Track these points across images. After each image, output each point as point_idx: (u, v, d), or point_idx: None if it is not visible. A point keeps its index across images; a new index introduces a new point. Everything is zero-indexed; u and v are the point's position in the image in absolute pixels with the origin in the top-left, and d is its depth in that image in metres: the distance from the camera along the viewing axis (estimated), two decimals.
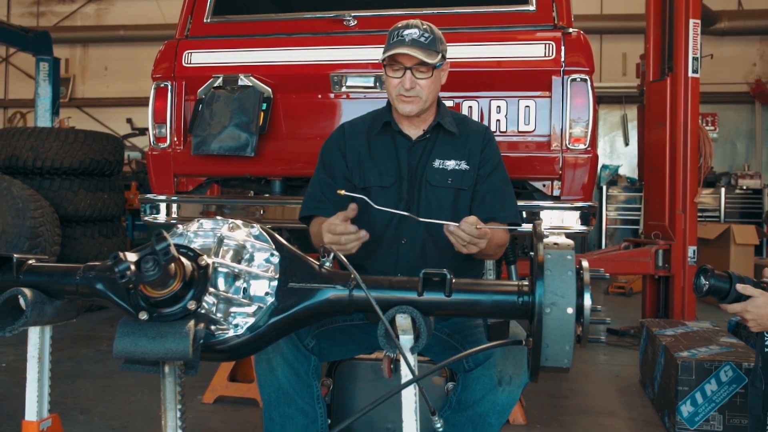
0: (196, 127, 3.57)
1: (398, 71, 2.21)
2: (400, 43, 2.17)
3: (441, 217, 2.25)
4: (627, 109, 11.54)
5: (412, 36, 2.18)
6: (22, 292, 1.39)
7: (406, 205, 2.26)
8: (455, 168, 2.28)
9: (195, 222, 1.48)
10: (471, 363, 2.01)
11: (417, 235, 2.25)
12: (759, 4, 11.30)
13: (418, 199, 2.27)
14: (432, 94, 2.26)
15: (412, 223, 2.23)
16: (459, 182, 2.27)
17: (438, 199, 2.27)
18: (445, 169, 2.28)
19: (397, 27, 2.24)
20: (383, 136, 2.34)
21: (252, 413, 3.64)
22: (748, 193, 10.35)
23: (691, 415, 3.29)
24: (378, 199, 2.26)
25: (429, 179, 2.27)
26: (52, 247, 5.54)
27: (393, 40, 2.20)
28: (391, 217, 2.25)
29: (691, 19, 5.09)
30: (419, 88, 2.21)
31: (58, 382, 4.05)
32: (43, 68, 9.43)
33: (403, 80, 2.20)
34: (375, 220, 2.25)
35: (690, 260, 5.11)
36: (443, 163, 2.28)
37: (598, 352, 5.28)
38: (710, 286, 2.02)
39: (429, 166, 2.28)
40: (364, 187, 2.30)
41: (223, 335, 1.36)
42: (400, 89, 2.21)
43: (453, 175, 2.28)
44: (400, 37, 2.18)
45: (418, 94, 2.21)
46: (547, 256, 1.33)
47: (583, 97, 3.33)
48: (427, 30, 2.21)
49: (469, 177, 2.28)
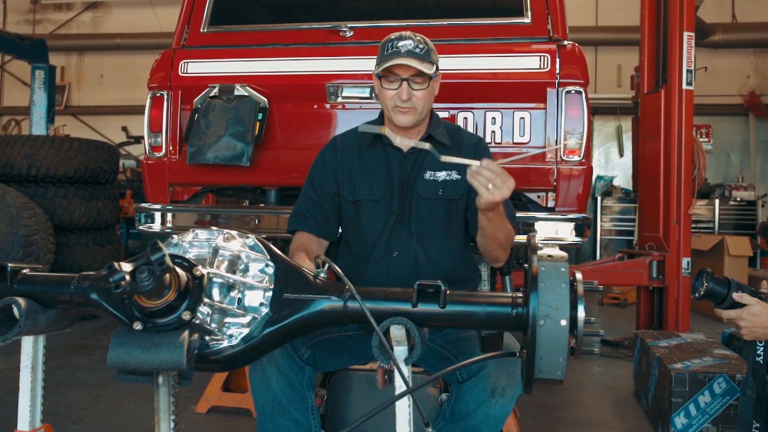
0: (192, 137, 3.58)
1: (394, 83, 2.20)
2: (396, 54, 2.16)
3: (433, 230, 2.25)
4: (622, 121, 11.59)
5: (408, 47, 2.17)
6: (15, 302, 1.39)
7: (397, 218, 2.24)
8: (446, 179, 2.27)
9: (190, 232, 1.48)
10: (464, 374, 2.00)
11: (409, 247, 2.23)
12: (753, 17, 11.37)
13: (409, 211, 2.25)
14: (427, 105, 2.26)
15: (402, 236, 2.23)
16: (450, 192, 2.26)
17: (430, 211, 2.25)
18: (435, 180, 2.27)
19: (390, 39, 2.23)
20: (374, 149, 2.33)
21: (245, 423, 3.63)
22: (742, 205, 10.39)
23: (685, 426, 3.29)
24: (368, 213, 2.27)
25: (420, 191, 2.26)
26: (45, 256, 5.52)
27: (387, 51, 2.19)
28: (382, 230, 2.24)
29: (685, 31, 5.13)
30: (416, 99, 2.20)
31: (52, 391, 4.03)
32: (38, 76, 9.42)
33: (399, 92, 2.19)
34: (366, 234, 2.25)
35: (684, 271, 5.13)
36: (434, 174, 2.27)
37: (592, 364, 5.28)
38: (708, 289, 2.02)
39: (420, 177, 2.27)
40: (354, 200, 2.29)
41: (217, 346, 1.36)
42: (397, 101, 2.20)
43: (444, 186, 2.26)
44: (395, 48, 2.18)
45: (414, 105, 2.21)
46: (541, 268, 1.34)
47: (577, 109, 3.34)
48: (421, 41, 2.21)
49: (460, 186, 2.25)
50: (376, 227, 2.25)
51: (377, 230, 2.24)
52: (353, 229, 2.29)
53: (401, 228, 2.24)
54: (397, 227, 2.24)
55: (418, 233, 2.24)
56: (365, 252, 2.24)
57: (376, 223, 2.26)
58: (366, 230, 2.25)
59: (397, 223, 2.24)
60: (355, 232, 2.28)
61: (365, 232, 2.25)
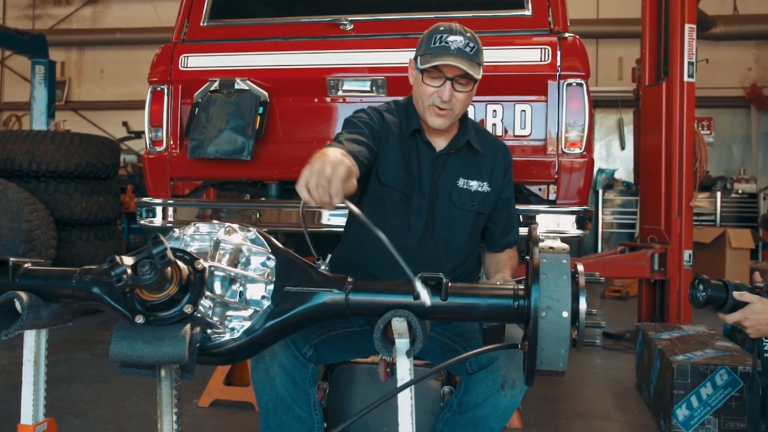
0: (193, 131, 3.58)
1: (437, 80, 2.04)
2: (445, 51, 2.00)
3: (459, 242, 2.16)
4: (623, 113, 11.56)
5: (458, 44, 2.01)
6: (18, 296, 1.39)
7: (426, 224, 2.13)
8: (478, 189, 2.16)
9: (191, 225, 1.48)
10: (474, 366, 1.99)
11: (437, 260, 2.11)
12: (754, 8, 11.33)
13: (439, 219, 2.14)
14: (464, 109, 2.12)
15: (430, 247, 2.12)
16: (480, 206, 2.17)
17: (459, 222, 2.16)
18: (469, 189, 2.15)
19: (438, 30, 2.06)
20: (410, 140, 2.17)
21: (248, 417, 3.64)
22: (744, 197, 10.38)
23: (687, 418, 3.30)
24: (395, 204, 2.14)
25: (454, 200, 2.14)
26: (47, 251, 5.52)
27: (435, 44, 2.02)
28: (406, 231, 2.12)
29: (686, 23, 5.11)
30: (455, 101, 2.05)
31: (54, 385, 4.04)
32: (38, 71, 9.41)
33: (440, 91, 2.04)
34: (389, 227, 2.09)
35: (686, 264, 5.12)
36: (467, 182, 2.15)
37: (594, 356, 5.29)
38: (708, 296, 2.02)
39: (452, 183, 2.14)
40: (385, 184, 2.12)
41: (219, 339, 1.36)
42: (435, 99, 2.05)
43: (476, 198, 2.16)
44: (444, 43, 2.01)
45: (453, 107, 2.06)
46: (543, 260, 1.34)
47: (578, 101, 3.34)
48: (472, 39, 2.04)
49: (490, 200, 2.18)
50: (401, 225, 2.13)
51: (401, 230, 2.12)
52: (374, 214, 2.09)
53: (429, 235, 2.14)
54: (426, 234, 2.14)
55: (445, 246, 2.15)
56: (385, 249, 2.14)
57: (402, 221, 2.13)
58: (390, 222, 2.11)
59: (426, 229, 2.14)
60: (377, 217, 2.06)
61: (388, 225, 2.09)
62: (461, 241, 2.18)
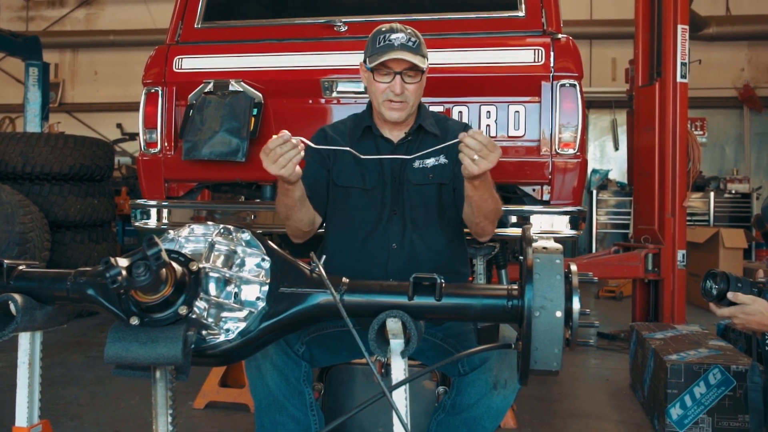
0: (187, 133, 3.57)
1: (387, 76, 2.18)
2: (389, 48, 2.15)
3: (428, 217, 2.23)
4: (616, 114, 11.60)
5: (401, 40, 2.16)
6: (12, 298, 1.39)
7: (391, 210, 2.23)
8: (435, 164, 2.26)
9: (186, 227, 1.48)
10: (467, 367, 2.00)
11: (405, 236, 2.21)
12: (747, 9, 11.38)
13: (402, 201, 2.24)
14: (418, 99, 2.26)
15: (397, 227, 2.21)
16: (440, 177, 2.25)
17: (423, 198, 2.24)
18: (425, 167, 2.26)
19: (381, 31, 2.21)
20: (365, 141, 2.30)
21: (243, 418, 3.64)
22: (737, 197, 10.42)
23: (681, 418, 3.31)
24: (359, 201, 2.25)
25: (411, 179, 2.24)
26: (41, 253, 5.51)
27: (380, 44, 2.17)
28: (376, 222, 2.22)
29: (679, 24, 5.14)
30: (408, 93, 2.19)
31: (49, 388, 4.03)
32: (32, 73, 9.39)
33: (392, 85, 2.18)
34: (358, 223, 2.23)
35: (679, 264, 5.15)
36: (423, 162, 2.25)
37: (588, 356, 5.30)
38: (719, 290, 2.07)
39: (410, 167, 2.26)
40: (344, 186, 2.27)
41: (214, 340, 1.37)
42: (389, 94, 2.19)
43: (434, 171, 2.25)
44: (387, 41, 2.16)
45: (406, 99, 2.20)
46: (536, 260, 1.35)
47: (572, 102, 3.35)
48: (413, 34, 2.20)
49: (449, 170, 2.25)
50: (369, 218, 2.23)
51: (370, 222, 2.22)
52: (343, 216, 2.27)
53: (396, 219, 2.23)
54: (392, 218, 2.23)
55: (412, 221, 2.22)
56: (358, 242, 2.21)
57: (369, 214, 2.24)
58: (358, 220, 2.23)
59: (392, 215, 2.23)
60: (346, 219, 2.26)
61: (357, 222, 2.23)
62: (429, 215, 2.24)
